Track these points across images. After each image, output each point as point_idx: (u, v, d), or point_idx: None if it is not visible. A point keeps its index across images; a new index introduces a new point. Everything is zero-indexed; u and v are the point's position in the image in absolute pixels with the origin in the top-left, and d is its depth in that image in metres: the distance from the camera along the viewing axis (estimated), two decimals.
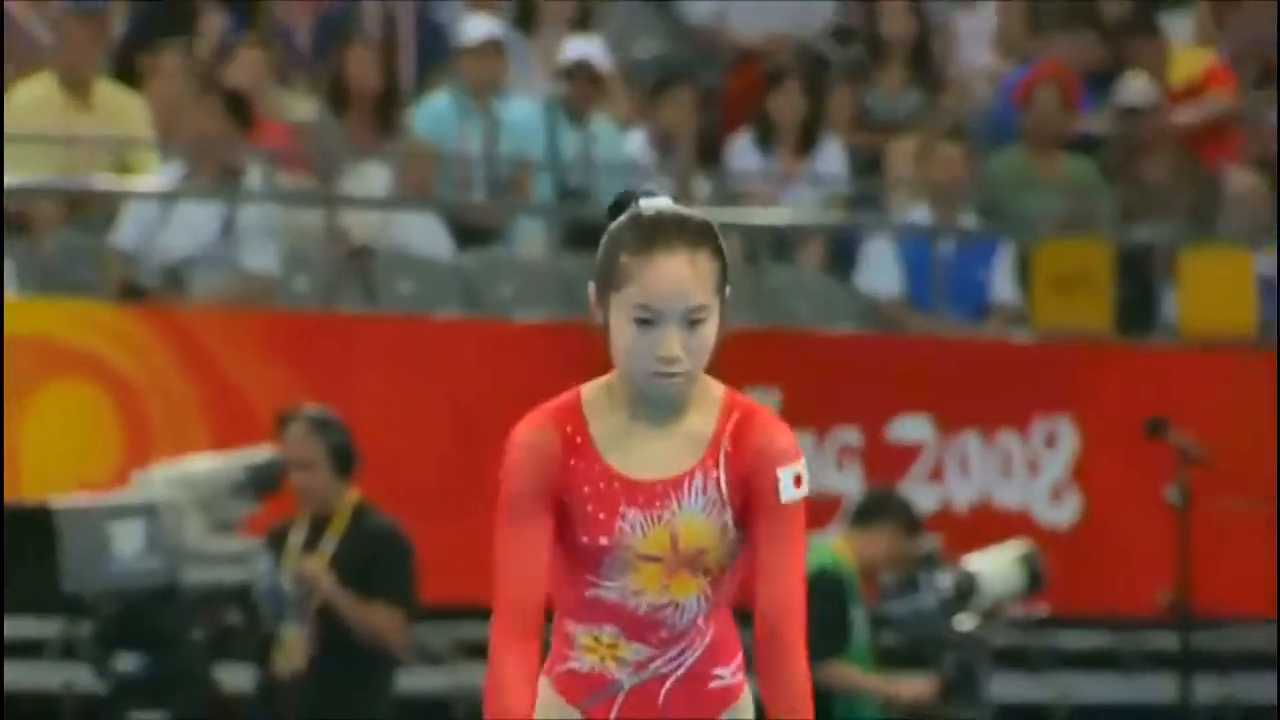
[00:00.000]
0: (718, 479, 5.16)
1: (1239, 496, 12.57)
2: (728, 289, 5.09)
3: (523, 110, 13.63)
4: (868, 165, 15.68)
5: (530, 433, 5.16)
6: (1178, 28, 15.17)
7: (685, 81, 14.41)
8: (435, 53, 14.29)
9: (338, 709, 11.10)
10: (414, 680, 12.02)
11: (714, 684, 5.18)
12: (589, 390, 5.22)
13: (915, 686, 12.55)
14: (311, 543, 10.93)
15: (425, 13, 14.66)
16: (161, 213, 12.91)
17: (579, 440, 5.15)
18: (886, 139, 15.53)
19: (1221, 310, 13.78)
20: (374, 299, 13.46)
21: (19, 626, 12.25)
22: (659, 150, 13.93)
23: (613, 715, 5.21)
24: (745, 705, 5.25)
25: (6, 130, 13.42)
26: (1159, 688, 12.50)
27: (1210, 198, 14.49)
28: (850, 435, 14.54)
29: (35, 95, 13.15)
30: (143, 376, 12.80)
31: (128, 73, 13.55)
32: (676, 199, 5.88)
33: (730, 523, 5.12)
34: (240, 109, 12.96)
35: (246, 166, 13.03)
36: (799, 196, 15.21)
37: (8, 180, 13.22)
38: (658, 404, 5.17)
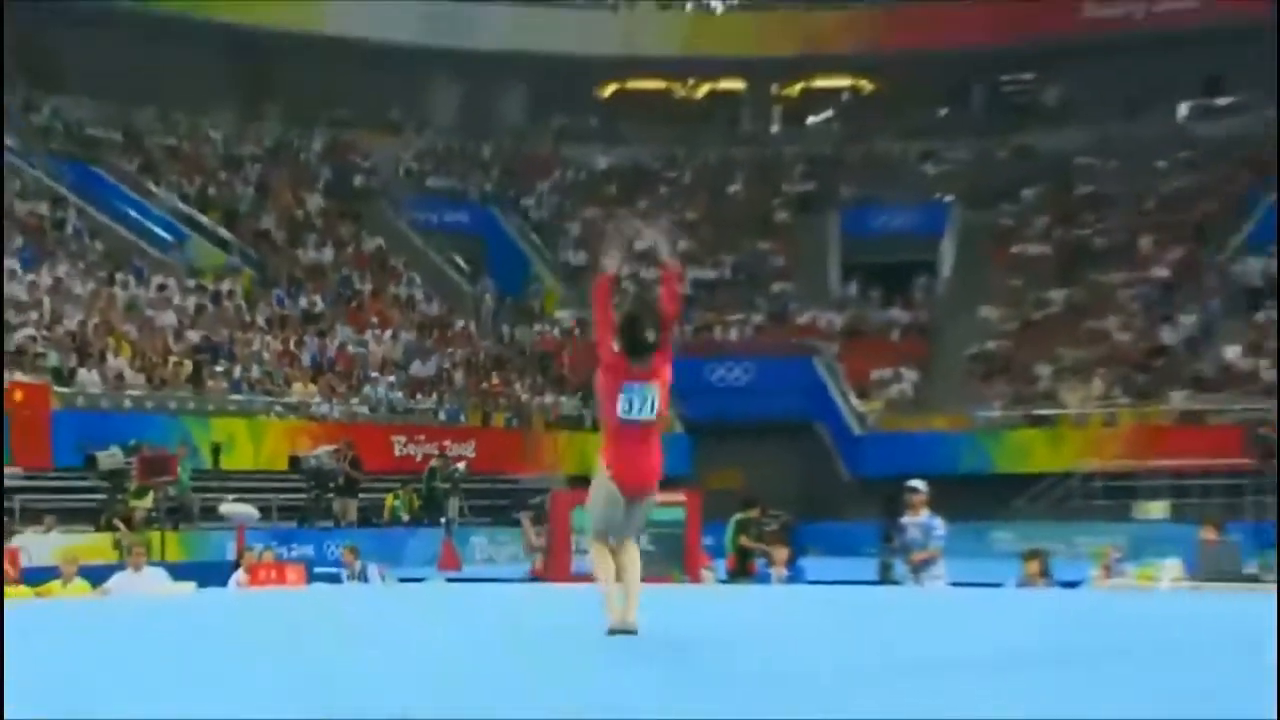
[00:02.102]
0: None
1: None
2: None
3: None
4: None
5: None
6: None
7: None
8: None
9: (351, 493, 22.17)
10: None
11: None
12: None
13: None
14: (344, 458, 22.12)
15: None
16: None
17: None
18: None
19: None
20: (379, 415, 24.13)
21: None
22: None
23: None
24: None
25: None
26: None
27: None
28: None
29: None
30: (342, 434, 23.16)
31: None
32: None
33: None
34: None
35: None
36: None
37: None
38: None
